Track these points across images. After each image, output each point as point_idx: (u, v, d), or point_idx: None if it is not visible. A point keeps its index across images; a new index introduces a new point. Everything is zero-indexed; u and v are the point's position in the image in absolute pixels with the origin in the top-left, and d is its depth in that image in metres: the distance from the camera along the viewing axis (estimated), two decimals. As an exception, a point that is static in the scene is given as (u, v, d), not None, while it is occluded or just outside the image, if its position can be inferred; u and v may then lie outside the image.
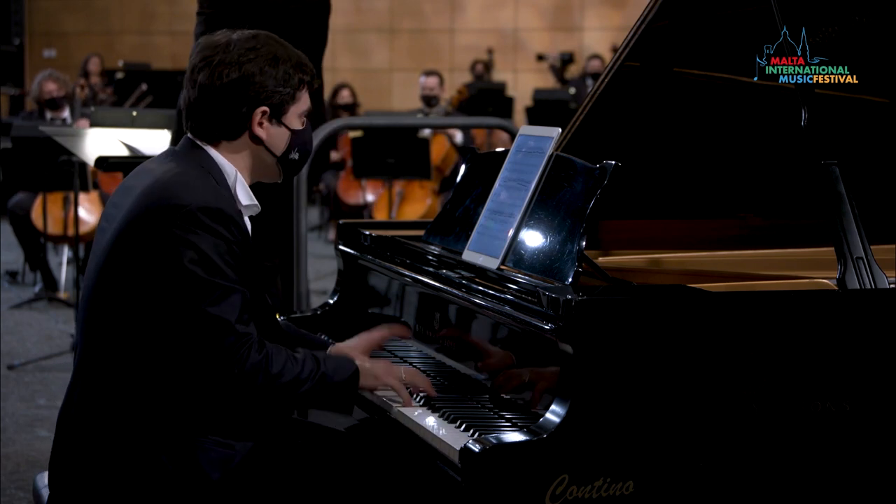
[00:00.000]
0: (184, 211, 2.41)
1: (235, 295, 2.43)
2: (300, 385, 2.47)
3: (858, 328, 2.45)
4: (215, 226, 2.43)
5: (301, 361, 2.49)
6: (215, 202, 2.45)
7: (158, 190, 2.47)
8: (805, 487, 2.41)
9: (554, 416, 2.26)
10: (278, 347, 2.49)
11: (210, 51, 2.57)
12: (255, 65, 2.55)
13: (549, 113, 10.59)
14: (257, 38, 2.59)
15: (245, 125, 2.58)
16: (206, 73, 2.55)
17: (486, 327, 2.69)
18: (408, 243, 3.11)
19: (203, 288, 2.39)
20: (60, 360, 6.26)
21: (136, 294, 2.43)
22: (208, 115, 2.58)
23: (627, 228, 3.25)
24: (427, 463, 2.43)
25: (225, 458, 2.47)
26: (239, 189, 2.59)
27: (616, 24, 14.57)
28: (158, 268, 2.41)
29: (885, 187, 3.17)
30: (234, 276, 2.44)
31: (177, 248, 2.40)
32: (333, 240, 9.15)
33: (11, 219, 8.34)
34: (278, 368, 2.44)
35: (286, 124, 2.61)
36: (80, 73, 12.19)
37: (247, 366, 2.41)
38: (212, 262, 2.41)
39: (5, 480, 4.38)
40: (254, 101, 2.56)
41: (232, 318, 2.41)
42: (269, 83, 2.56)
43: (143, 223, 2.44)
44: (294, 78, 2.60)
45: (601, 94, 3.15)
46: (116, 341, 2.45)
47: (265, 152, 2.62)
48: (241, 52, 2.55)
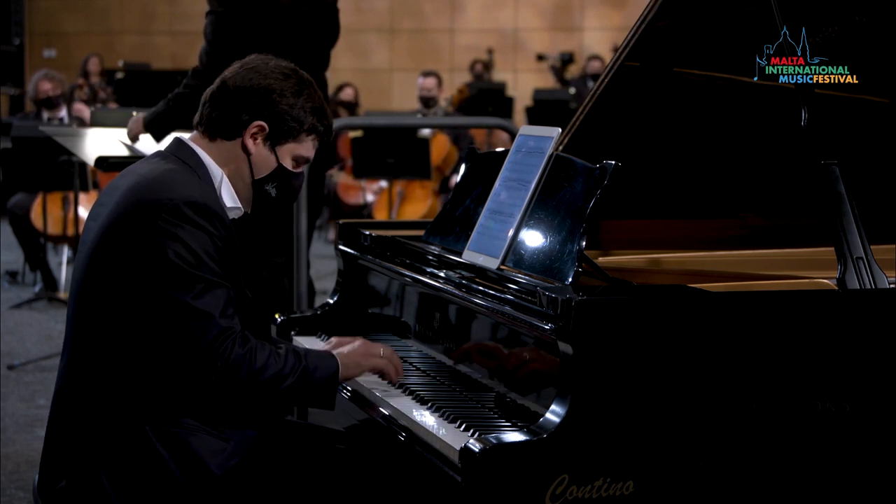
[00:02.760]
0: (169, 205, 2.43)
1: (219, 289, 2.44)
2: (283, 380, 2.48)
3: (858, 328, 2.45)
4: (200, 220, 2.44)
5: (283, 356, 2.50)
6: (201, 197, 2.48)
7: (145, 186, 2.50)
8: (805, 487, 2.41)
9: (554, 416, 2.26)
10: (262, 342, 2.50)
11: (251, 61, 2.66)
12: (278, 84, 2.61)
13: (549, 113, 10.58)
14: (296, 72, 2.66)
15: (240, 131, 2.61)
16: (234, 73, 2.64)
17: (486, 327, 2.69)
18: (408, 243, 3.11)
19: (187, 281, 2.41)
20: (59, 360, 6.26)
21: (123, 287, 2.45)
22: (217, 108, 2.63)
23: (627, 228, 3.25)
24: (427, 463, 2.43)
25: (219, 449, 2.47)
26: (224, 190, 2.61)
27: (616, 24, 14.57)
28: (144, 261, 2.42)
29: (885, 187, 3.17)
30: (219, 270, 2.45)
31: (162, 241, 2.41)
32: (333, 240, 9.14)
33: (11, 219, 8.35)
34: (261, 363, 2.46)
35: (277, 154, 2.64)
36: (80, 73, 12.18)
37: (230, 360, 2.42)
38: (196, 255, 2.42)
39: (5, 480, 4.39)
40: (257, 113, 2.60)
41: (216, 311, 2.42)
42: (281, 107, 2.60)
43: (130, 217, 2.46)
44: (307, 120, 2.63)
45: (601, 94, 3.15)
46: (105, 333, 2.47)
47: (246, 167, 2.63)
48: (274, 70, 2.63)
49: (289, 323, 3.35)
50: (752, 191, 3.34)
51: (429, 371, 2.84)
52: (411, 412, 2.58)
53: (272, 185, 2.66)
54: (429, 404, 2.61)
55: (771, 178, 3.31)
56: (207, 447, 2.46)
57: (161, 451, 2.43)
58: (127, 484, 2.43)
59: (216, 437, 2.49)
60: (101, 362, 2.47)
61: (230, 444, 2.50)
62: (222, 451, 2.48)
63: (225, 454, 2.48)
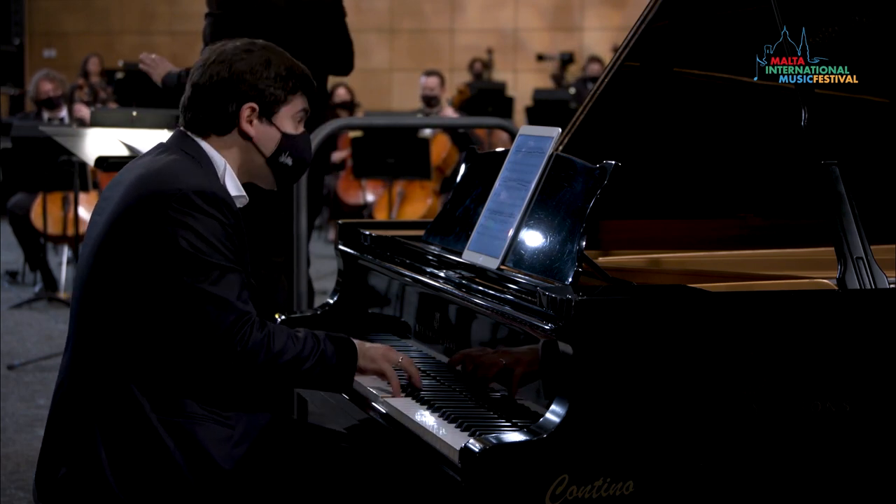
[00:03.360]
0: (178, 194, 2.44)
1: (233, 274, 2.45)
2: (302, 363, 2.51)
3: (858, 328, 2.45)
4: (209, 208, 2.45)
5: (302, 340, 2.52)
6: (209, 186, 2.49)
7: (151, 177, 2.51)
8: (805, 487, 2.41)
9: (554, 416, 2.26)
10: (280, 326, 2.52)
11: (207, 54, 2.67)
12: (245, 64, 2.61)
13: (549, 113, 10.59)
14: (253, 44, 2.67)
15: (234, 121, 2.62)
16: (199, 73, 2.64)
17: (486, 327, 2.69)
18: (408, 243, 3.11)
19: (201, 268, 2.42)
20: (60, 360, 6.26)
21: (132, 278, 2.45)
22: (199, 110, 2.63)
23: (627, 228, 3.25)
24: (427, 463, 2.43)
25: (224, 437, 2.47)
26: (228, 180, 2.62)
27: (616, 24, 14.57)
28: (155, 251, 2.43)
29: (885, 187, 3.17)
30: (232, 256, 2.46)
31: (173, 230, 2.42)
32: (333, 240, 9.13)
33: (11, 219, 8.35)
34: (280, 346, 2.47)
35: (276, 125, 2.65)
36: (80, 73, 12.19)
37: (249, 344, 2.44)
38: (209, 242, 2.43)
39: (5, 480, 4.39)
40: (242, 98, 2.61)
41: (232, 296, 2.43)
42: (259, 82, 2.62)
43: (138, 209, 2.46)
44: (287, 80, 2.64)
45: (601, 94, 3.15)
46: (111, 325, 2.46)
47: (255, 152, 2.65)
48: (234, 53, 2.63)
49: (289, 323, 3.34)
50: (752, 191, 3.34)
51: (429, 371, 2.84)
52: (411, 412, 2.58)
53: (286, 156, 2.67)
54: (429, 404, 2.61)
55: (771, 178, 3.31)
56: (213, 436, 2.46)
57: (166, 441, 2.43)
58: (129, 472, 2.43)
59: (221, 423, 2.48)
60: (106, 353, 2.47)
61: (236, 431, 2.50)
62: (228, 438, 2.48)
63: (231, 442, 2.48)
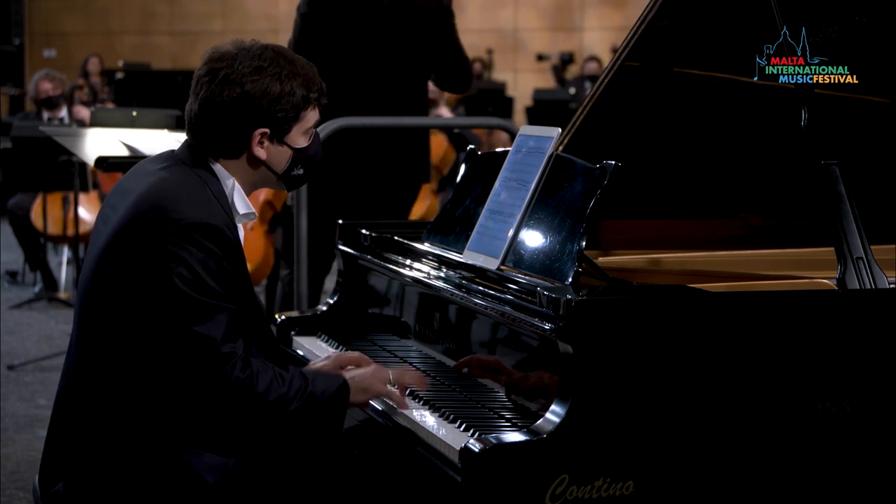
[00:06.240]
0: (175, 226, 2.40)
1: (222, 314, 2.41)
2: (287, 404, 2.45)
3: (858, 328, 2.45)
4: (206, 242, 2.41)
5: (288, 380, 2.46)
6: (207, 217, 2.44)
7: (153, 198, 2.45)
8: (805, 487, 2.41)
9: (554, 417, 2.26)
10: (265, 366, 2.46)
11: (216, 63, 2.52)
12: (258, 84, 2.49)
13: (549, 113, 10.58)
14: (264, 56, 2.52)
15: (244, 145, 2.54)
16: (208, 88, 2.51)
17: (486, 327, 2.69)
18: (408, 243, 3.11)
19: (190, 306, 2.39)
20: (60, 360, 6.20)
21: (127, 302, 2.43)
22: (208, 131, 2.54)
23: (627, 228, 3.25)
24: (427, 463, 2.43)
25: (219, 464, 2.46)
26: (236, 197, 2.58)
27: (616, 24, 14.57)
28: (148, 280, 2.40)
29: (885, 187, 3.17)
30: (223, 292, 2.43)
31: (167, 263, 2.39)
32: (333, 240, 9.11)
33: (11, 219, 8.35)
34: (264, 387, 2.42)
35: (289, 143, 2.58)
36: (80, 73, 12.18)
37: (229, 384, 2.40)
38: (201, 279, 2.39)
39: (5, 480, 4.39)
40: (254, 122, 2.52)
41: (217, 336, 2.39)
42: (272, 104, 2.51)
43: (136, 232, 2.43)
44: (299, 97, 2.54)
45: (601, 94, 3.15)
46: (109, 345, 2.45)
47: (266, 170, 2.60)
48: (245, 69, 2.49)
49: (289, 323, 3.35)
50: (752, 191, 3.34)
51: (429, 371, 2.84)
52: (411, 412, 2.58)
53: (298, 168, 2.62)
54: (429, 404, 2.61)
55: (771, 178, 3.31)
56: (206, 462, 2.44)
57: (161, 465, 2.42)
58: (126, 488, 2.42)
59: (217, 455, 2.46)
60: (105, 368, 2.45)
61: (231, 461, 2.47)
62: (223, 466, 2.46)
63: (226, 468, 2.46)
